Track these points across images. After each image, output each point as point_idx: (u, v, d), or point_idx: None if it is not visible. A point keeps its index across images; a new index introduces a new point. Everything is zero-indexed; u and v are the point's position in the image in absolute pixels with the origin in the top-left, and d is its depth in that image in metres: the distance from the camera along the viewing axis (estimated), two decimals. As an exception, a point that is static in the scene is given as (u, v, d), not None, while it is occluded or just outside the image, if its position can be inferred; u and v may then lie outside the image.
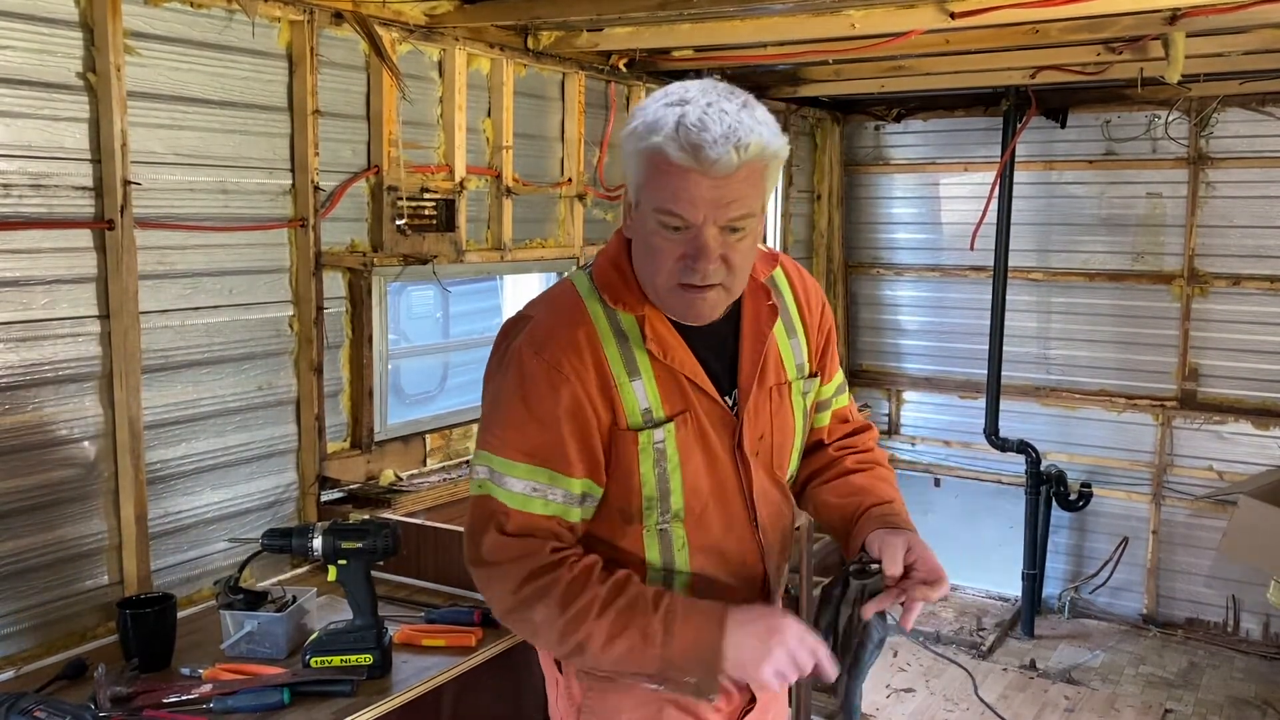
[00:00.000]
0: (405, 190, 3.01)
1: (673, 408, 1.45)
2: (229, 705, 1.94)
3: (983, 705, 4.12)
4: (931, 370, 5.37)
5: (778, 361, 1.55)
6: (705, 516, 1.50)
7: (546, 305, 1.51)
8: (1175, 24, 3.06)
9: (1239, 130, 4.55)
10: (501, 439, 1.43)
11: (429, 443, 3.25)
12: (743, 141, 1.30)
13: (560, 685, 1.60)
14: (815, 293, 1.63)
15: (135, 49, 2.32)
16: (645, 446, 1.44)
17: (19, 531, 2.20)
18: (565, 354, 1.41)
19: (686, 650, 1.36)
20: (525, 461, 1.42)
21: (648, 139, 1.32)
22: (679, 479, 1.46)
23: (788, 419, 1.56)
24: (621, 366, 1.43)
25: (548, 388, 1.40)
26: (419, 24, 2.99)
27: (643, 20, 3.18)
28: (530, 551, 1.41)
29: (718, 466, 1.49)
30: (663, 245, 1.37)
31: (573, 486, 1.43)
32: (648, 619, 1.37)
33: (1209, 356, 4.71)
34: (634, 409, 1.43)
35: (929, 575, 1.42)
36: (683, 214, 1.33)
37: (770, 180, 1.38)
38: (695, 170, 1.30)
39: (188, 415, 2.52)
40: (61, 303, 2.24)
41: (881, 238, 5.45)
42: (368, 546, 2.09)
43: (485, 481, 1.45)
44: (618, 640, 1.37)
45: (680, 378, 1.46)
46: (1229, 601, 4.71)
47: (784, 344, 1.56)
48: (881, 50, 3.43)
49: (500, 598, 1.43)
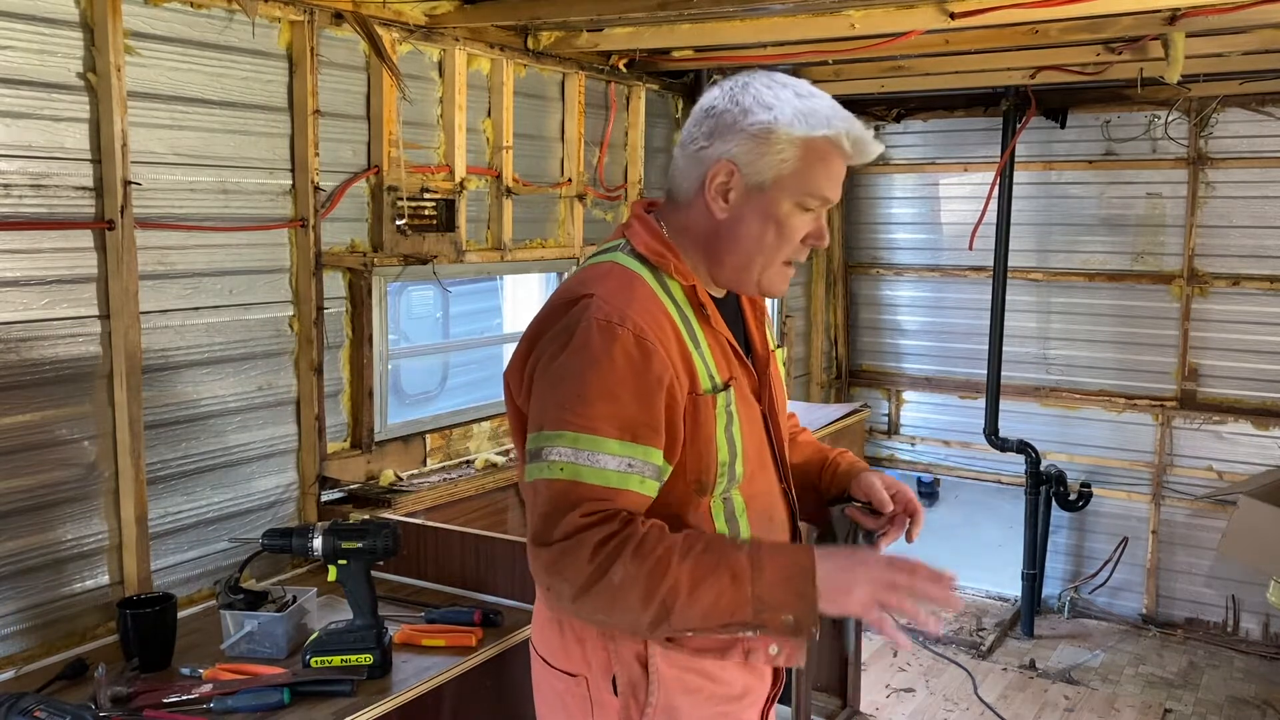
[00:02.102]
0: (405, 190, 3.02)
1: (725, 374, 1.52)
2: (229, 705, 1.94)
3: (983, 705, 4.12)
4: (931, 370, 5.37)
5: (766, 332, 1.71)
6: (754, 480, 1.56)
7: (605, 282, 1.46)
8: (1175, 24, 3.07)
9: (1239, 130, 4.55)
10: (587, 415, 1.36)
11: (429, 443, 3.25)
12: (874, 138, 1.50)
13: (610, 710, 1.51)
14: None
15: (135, 49, 2.32)
16: (721, 411, 1.48)
17: (19, 531, 2.20)
18: (647, 324, 1.41)
19: (779, 583, 1.33)
20: (618, 437, 1.37)
21: (816, 129, 1.44)
22: (741, 443, 1.52)
23: (782, 384, 1.72)
24: (688, 334, 1.48)
25: (639, 357, 1.38)
26: (419, 24, 2.99)
27: (643, 20, 3.18)
28: (606, 518, 1.35)
29: (755, 429, 1.57)
30: (797, 226, 1.49)
31: (659, 461, 1.41)
32: (735, 557, 1.34)
33: (1209, 356, 4.71)
34: (704, 375, 1.48)
35: (908, 507, 1.62)
36: (831, 197, 1.49)
37: None
38: (849, 159, 1.48)
39: (188, 415, 2.52)
40: (61, 303, 2.24)
41: (881, 238, 5.45)
42: (368, 546, 2.10)
43: (569, 464, 1.36)
44: (705, 583, 1.32)
45: (726, 345, 1.54)
46: (1229, 601, 4.71)
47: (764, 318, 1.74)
48: (881, 50, 3.44)
49: (576, 569, 1.34)
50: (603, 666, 1.51)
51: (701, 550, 1.34)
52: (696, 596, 1.32)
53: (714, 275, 1.55)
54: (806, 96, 1.47)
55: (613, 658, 1.51)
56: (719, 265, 1.53)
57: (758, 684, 1.61)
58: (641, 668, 1.49)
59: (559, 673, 1.57)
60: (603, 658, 1.51)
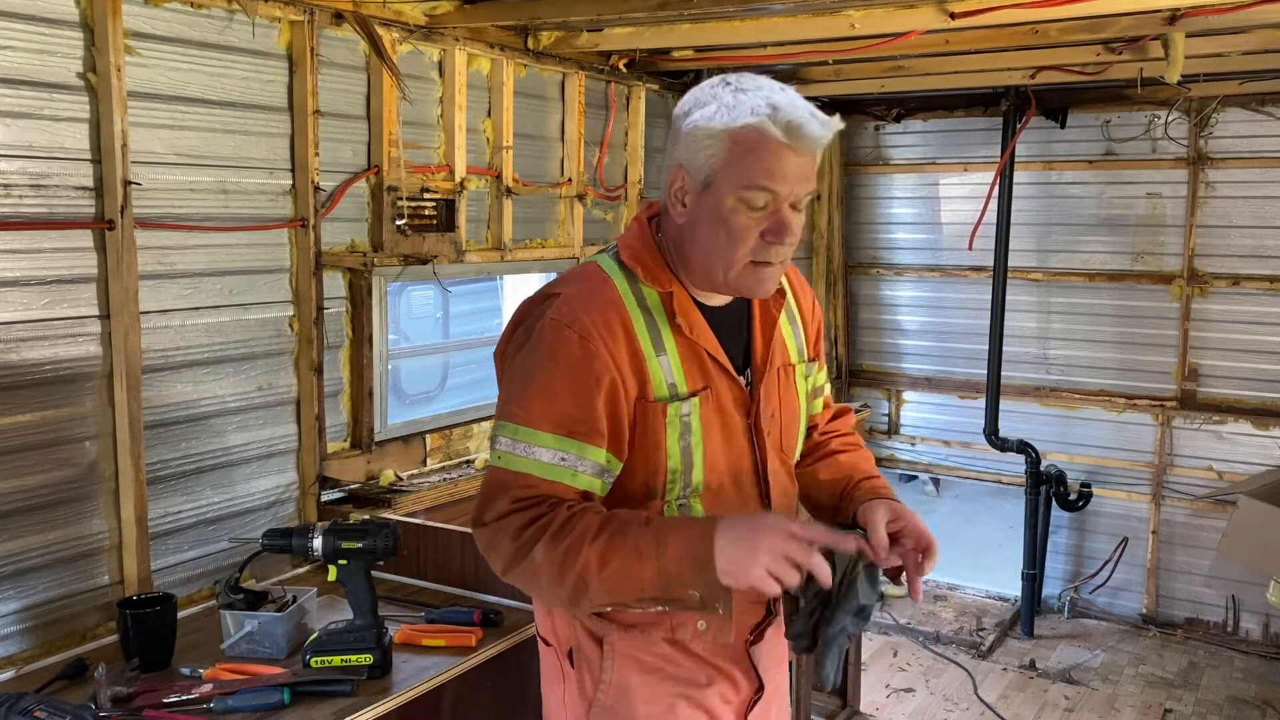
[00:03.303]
0: (405, 190, 3.02)
1: (695, 384, 1.50)
2: (229, 705, 1.94)
3: (983, 705, 4.12)
4: (931, 370, 5.37)
5: (783, 345, 1.63)
6: (722, 493, 1.54)
7: (573, 283, 1.53)
8: (1175, 24, 3.07)
9: (1239, 130, 4.54)
10: (528, 410, 1.44)
11: (429, 443, 3.25)
12: (826, 121, 1.40)
13: (571, 681, 1.59)
14: (805, 285, 1.75)
15: (135, 49, 2.32)
16: (673, 419, 1.48)
17: (19, 531, 2.20)
18: (596, 326, 1.44)
19: (680, 558, 1.35)
20: (553, 432, 1.43)
21: (738, 120, 1.38)
22: (701, 454, 1.51)
23: (794, 400, 1.65)
24: (649, 340, 1.48)
25: (581, 358, 1.43)
26: (419, 24, 2.99)
27: (643, 20, 3.18)
28: (534, 503, 1.43)
29: (733, 444, 1.54)
30: (745, 224, 1.42)
31: (599, 458, 1.45)
32: (639, 534, 1.38)
33: (1209, 356, 4.71)
34: (660, 382, 1.48)
35: (918, 542, 1.46)
36: (775, 189, 1.40)
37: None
38: (787, 147, 1.38)
39: (188, 415, 2.52)
40: (61, 303, 2.24)
41: (881, 238, 5.45)
42: (368, 546, 2.10)
43: (505, 453, 1.45)
44: (614, 562, 1.37)
45: (703, 355, 1.51)
46: (1229, 601, 4.71)
47: (787, 330, 1.65)
48: (881, 50, 3.43)
49: (503, 549, 1.43)
50: (566, 637, 1.59)
51: (613, 529, 1.38)
52: (605, 575, 1.37)
53: (692, 280, 1.53)
54: (743, 90, 1.41)
55: (575, 630, 1.57)
56: (691, 270, 1.51)
57: (727, 681, 1.58)
58: (596, 644, 1.55)
59: (541, 640, 1.67)
60: (566, 630, 1.59)
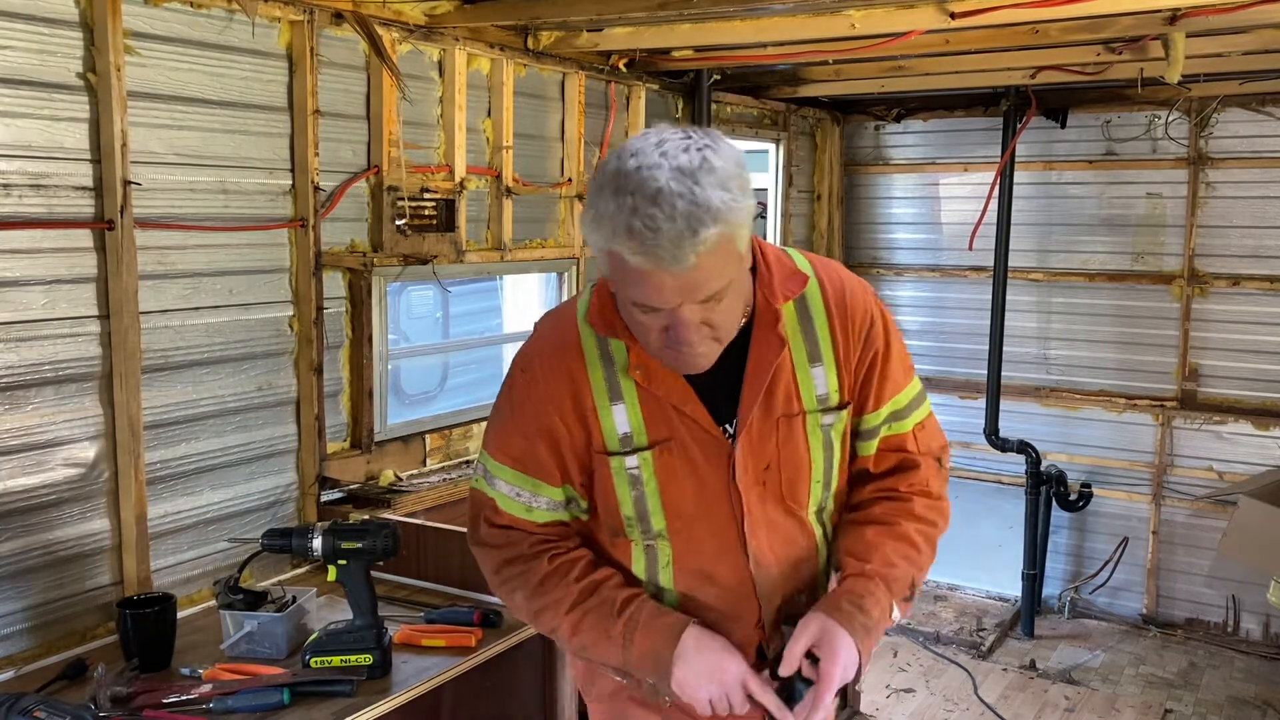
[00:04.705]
0: (405, 190, 3.01)
1: (657, 433, 1.45)
2: (229, 705, 1.95)
3: (983, 705, 4.12)
4: (931, 370, 5.36)
5: (790, 391, 1.47)
6: (694, 539, 1.49)
7: (547, 322, 1.55)
8: (1175, 24, 3.06)
9: (1239, 130, 4.54)
10: (494, 443, 1.52)
11: (429, 443, 3.25)
12: (699, 237, 1.21)
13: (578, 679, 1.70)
14: (859, 313, 1.49)
15: (135, 49, 2.32)
16: (619, 470, 1.46)
17: (19, 531, 2.20)
18: (544, 370, 1.47)
19: (641, 657, 1.43)
20: (512, 467, 1.50)
21: (604, 241, 1.27)
22: (658, 503, 1.47)
23: (799, 451, 1.48)
24: (604, 390, 1.45)
25: (527, 402, 1.48)
26: (419, 24, 2.99)
27: (643, 20, 3.18)
28: (512, 541, 1.51)
29: (707, 493, 1.47)
30: (643, 322, 1.33)
31: (555, 495, 1.50)
32: (610, 622, 1.45)
33: (1209, 356, 4.71)
34: (611, 433, 1.46)
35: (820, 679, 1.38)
36: (654, 304, 1.29)
37: (740, 242, 1.29)
38: (657, 270, 1.24)
39: (188, 415, 2.52)
40: (61, 303, 2.24)
41: (881, 238, 5.45)
42: (368, 546, 2.10)
43: (479, 478, 1.55)
44: (583, 634, 1.47)
45: (667, 405, 1.44)
46: (1229, 601, 4.71)
47: (802, 373, 1.47)
48: (881, 50, 3.43)
49: (488, 577, 1.56)
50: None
51: (591, 606, 1.46)
52: (575, 643, 1.49)
53: None
54: (619, 193, 1.23)
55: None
56: None
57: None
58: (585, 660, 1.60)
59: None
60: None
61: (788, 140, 4.98)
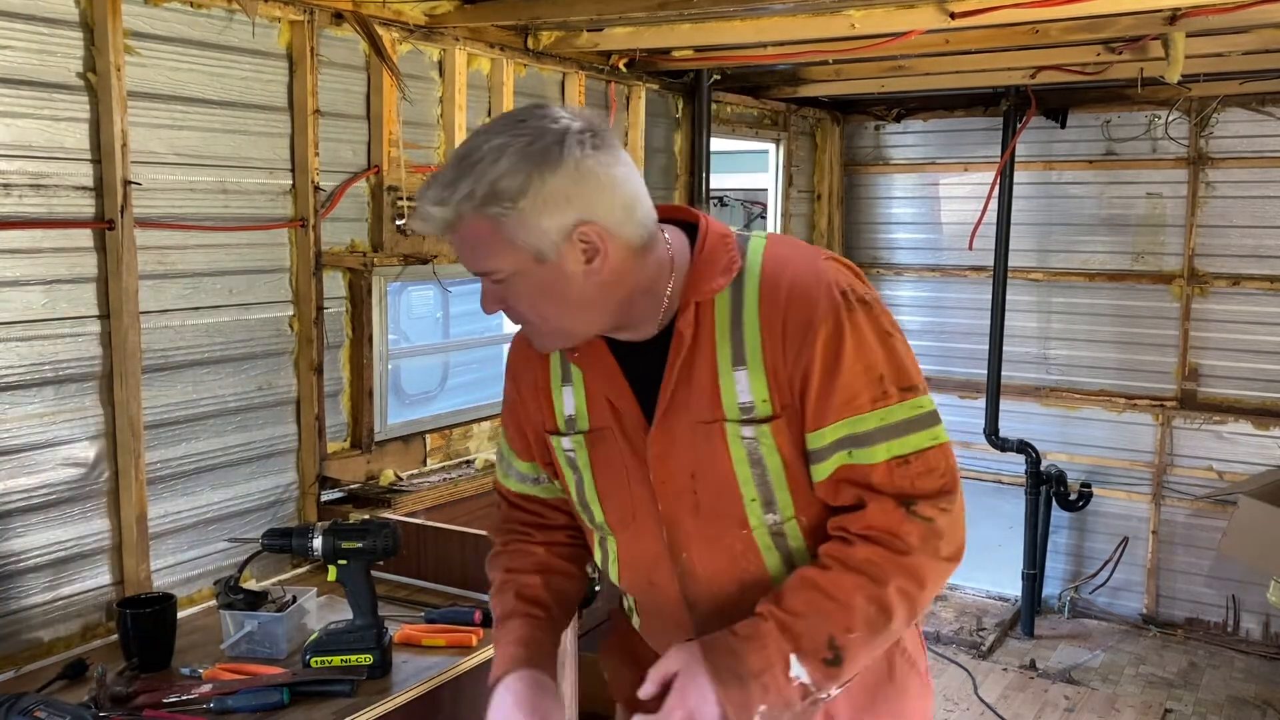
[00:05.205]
0: (406, 190, 3.01)
1: (599, 420, 1.41)
2: (229, 705, 1.94)
3: (983, 705, 4.12)
4: (931, 370, 5.36)
5: (710, 395, 1.31)
6: (636, 538, 1.43)
7: None
8: (1175, 24, 3.07)
9: (1239, 130, 4.55)
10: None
11: (429, 443, 3.25)
12: (446, 203, 1.21)
13: None
14: (797, 316, 1.27)
15: (135, 49, 2.32)
16: (559, 450, 1.48)
17: (19, 531, 2.20)
18: (518, 349, 1.53)
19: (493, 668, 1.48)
20: (504, 436, 1.59)
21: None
22: (594, 493, 1.44)
23: (721, 462, 1.32)
24: (559, 371, 1.47)
25: (507, 375, 1.56)
26: (419, 24, 2.99)
27: (643, 20, 3.18)
28: (499, 506, 1.63)
29: (633, 493, 1.39)
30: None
31: (523, 468, 1.56)
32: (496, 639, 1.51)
33: (1209, 356, 4.71)
34: (560, 414, 1.46)
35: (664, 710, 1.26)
36: (462, 263, 1.31)
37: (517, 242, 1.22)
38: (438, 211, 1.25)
39: (188, 415, 2.52)
40: (61, 303, 2.24)
41: (881, 238, 5.45)
42: (368, 546, 2.10)
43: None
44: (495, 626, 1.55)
45: (602, 395, 1.40)
46: (1229, 601, 4.71)
47: (725, 376, 1.31)
48: (881, 50, 3.43)
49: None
50: None
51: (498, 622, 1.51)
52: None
53: None
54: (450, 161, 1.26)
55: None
56: None
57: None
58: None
59: None
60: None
61: (788, 140, 4.98)
